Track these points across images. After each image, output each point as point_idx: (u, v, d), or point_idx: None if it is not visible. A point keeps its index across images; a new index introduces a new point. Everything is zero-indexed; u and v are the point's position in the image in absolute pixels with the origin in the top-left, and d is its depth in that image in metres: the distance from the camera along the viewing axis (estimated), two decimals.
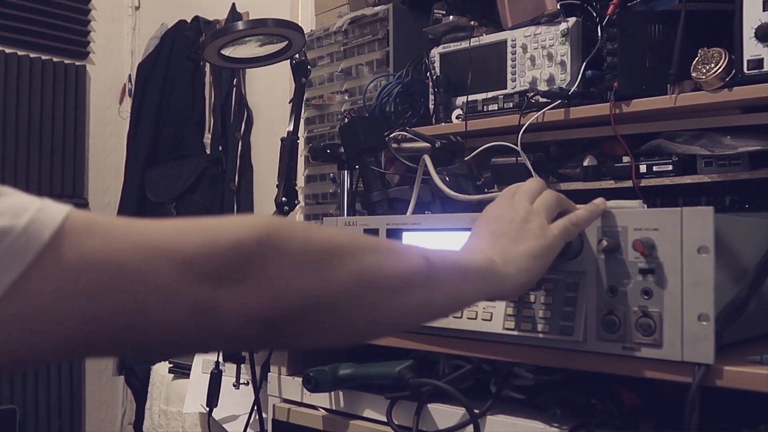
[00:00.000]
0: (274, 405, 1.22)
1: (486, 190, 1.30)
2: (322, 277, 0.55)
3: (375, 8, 1.81)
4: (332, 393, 1.12)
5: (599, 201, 0.80)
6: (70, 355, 0.48)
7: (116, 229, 0.48)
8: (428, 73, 1.59)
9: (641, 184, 1.28)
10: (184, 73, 2.81)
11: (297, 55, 1.49)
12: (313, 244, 0.56)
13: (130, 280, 0.46)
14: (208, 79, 2.81)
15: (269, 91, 2.58)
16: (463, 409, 0.94)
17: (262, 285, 0.51)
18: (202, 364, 1.72)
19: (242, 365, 1.41)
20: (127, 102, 3.18)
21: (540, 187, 0.79)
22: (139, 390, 2.73)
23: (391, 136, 1.38)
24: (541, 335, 0.83)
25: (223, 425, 1.72)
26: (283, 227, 0.54)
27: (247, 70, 2.64)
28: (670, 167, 1.25)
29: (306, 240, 0.55)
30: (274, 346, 1.08)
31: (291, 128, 1.50)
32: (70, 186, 3.11)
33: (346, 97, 1.90)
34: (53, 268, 0.44)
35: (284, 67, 1.55)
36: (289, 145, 1.49)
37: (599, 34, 1.33)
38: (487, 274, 0.68)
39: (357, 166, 1.43)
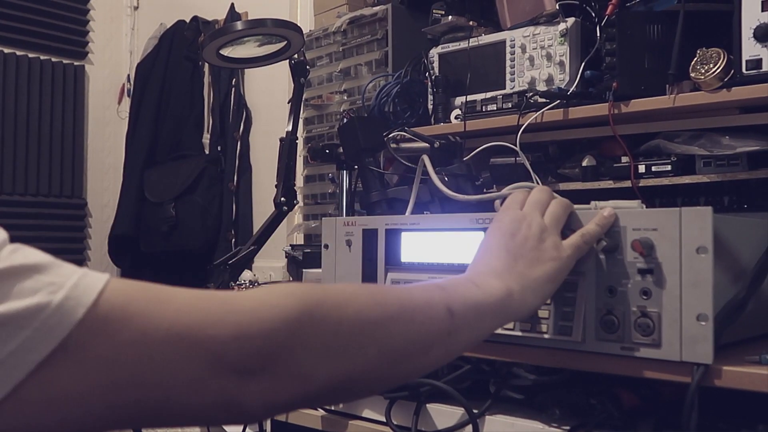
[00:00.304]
0: None
1: (485, 190, 1.30)
2: (351, 360, 0.55)
3: (374, 8, 1.81)
4: None
5: (608, 213, 0.79)
6: None
7: (151, 314, 0.47)
8: (427, 74, 1.59)
9: (640, 185, 1.28)
10: (182, 74, 2.81)
11: (296, 56, 1.49)
12: (343, 326, 0.55)
13: (159, 372, 0.46)
14: (206, 79, 2.80)
15: (268, 91, 2.58)
16: (462, 409, 0.94)
17: (290, 374, 0.51)
18: None
19: None
20: (126, 102, 3.18)
21: (548, 197, 0.80)
22: None
23: (390, 136, 1.38)
24: (539, 335, 0.83)
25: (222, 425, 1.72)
26: (315, 309, 0.53)
27: (245, 70, 2.64)
28: (669, 167, 1.25)
29: (337, 322, 0.55)
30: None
31: (290, 128, 1.50)
32: (68, 186, 3.11)
33: (345, 98, 1.90)
34: (86, 354, 0.44)
35: (283, 67, 1.56)
36: (287, 145, 1.49)
37: (598, 35, 1.33)
38: (504, 308, 0.69)
39: (356, 167, 1.43)
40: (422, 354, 0.61)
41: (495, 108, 1.45)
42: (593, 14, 1.36)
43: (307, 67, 1.53)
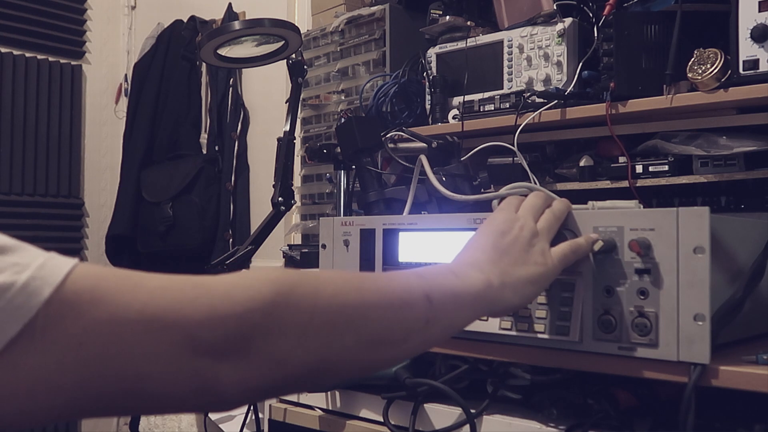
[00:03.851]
0: (270, 405, 1.22)
1: (482, 191, 1.30)
2: (326, 346, 0.54)
3: (371, 8, 1.81)
4: (328, 393, 1.12)
5: (596, 235, 0.79)
6: (64, 419, 0.48)
7: (122, 296, 0.46)
8: (425, 74, 1.59)
9: (637, 185, 1.28)
10: (180, 73, 2.80)
11: (293, 55, 1.49)
12: (319, 310, 0.54)
13: (131, 353, 0.46)
14: (204, 79, 2.80)
15: (266, 91, 2.58)
16: (460, 409, 0.94)
17: (266, 358, 0.50)
18: None
19: None
20: (123, 102, 3.18)
21: (543, 203, 0.79)
22: None
23: (388, 136, 1.38)
24: (537, 335, 0.83)
25: (220, 425, 1.72)
26: (290, 292, 0.53)
27: (243, 70, 2.64)
28: (666, 167, 1.25)
29: (312, 305, 0.54)
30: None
31: (287, 128, 1.50)
32: (65, 186, 3.10)
33: (343, 97, 1.90)
34: (54, 335, 0.43)
35: (281, 67, 1.55)
36: (285, 145, 1.49)
37: (595, 35, 1.33)
38: (482, 299, 0.68)
39: (353, 166, 1.42)
40: (400, 342, 0.60)
41: (492, 108, 1.45)
42: (591, 14, 1.36)
43: (305, 67, 1.53)
